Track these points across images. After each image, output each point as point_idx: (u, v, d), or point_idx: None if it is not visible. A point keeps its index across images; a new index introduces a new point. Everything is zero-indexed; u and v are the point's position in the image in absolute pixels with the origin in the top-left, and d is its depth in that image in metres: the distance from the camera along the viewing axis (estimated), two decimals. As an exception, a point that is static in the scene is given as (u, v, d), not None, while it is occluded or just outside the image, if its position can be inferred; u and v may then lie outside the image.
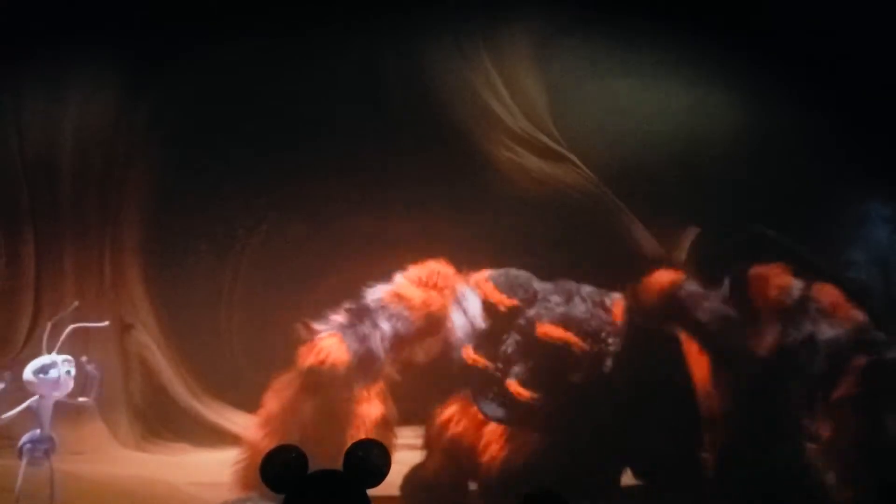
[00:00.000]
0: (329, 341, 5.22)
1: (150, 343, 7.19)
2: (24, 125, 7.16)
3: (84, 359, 4.95)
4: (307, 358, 5.20)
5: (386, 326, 5.34)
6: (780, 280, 5.19)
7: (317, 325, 5.29)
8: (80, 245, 7.20)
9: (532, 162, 7.57)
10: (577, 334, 5.30)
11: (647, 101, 7.56)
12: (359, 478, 2.39)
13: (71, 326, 5.00)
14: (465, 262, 5.91)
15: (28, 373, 4.84)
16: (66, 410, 5.02)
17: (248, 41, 7.23)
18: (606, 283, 6.16)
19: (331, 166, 7.32)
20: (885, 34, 7.06)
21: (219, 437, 6.83)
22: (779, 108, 7.38)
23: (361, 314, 5.34)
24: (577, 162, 7.55)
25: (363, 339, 5.27)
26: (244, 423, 6.41)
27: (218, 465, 5.72)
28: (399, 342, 5.38)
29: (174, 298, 7.38)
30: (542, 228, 7.19)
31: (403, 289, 5.50)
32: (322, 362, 5.16)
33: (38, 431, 4.82)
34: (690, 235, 7.63)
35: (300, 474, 2.39)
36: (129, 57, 7.27)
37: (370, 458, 2.42)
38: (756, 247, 7.45)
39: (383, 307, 5.39)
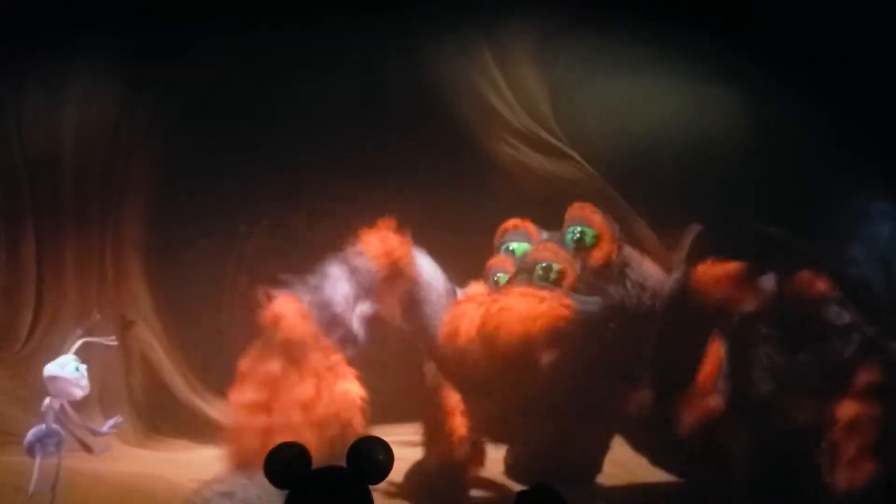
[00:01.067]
0: (283, 301, 5.10)
1: (151, 339, 7.19)
2: (25, 121, 7.17)
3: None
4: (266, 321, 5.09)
5: (346, 282, 5.22)
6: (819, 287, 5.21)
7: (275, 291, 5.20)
8: (81, 241, 7.21)
9: (533, 159, 7.57)
10: None
11: (648, 98, 7.56)
12: (362, 474, 2.39)
13: (81, 340, 5.05)
14: (466, 259, 5.94)
15: (52, 368, 4.87)
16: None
17: (249, 38, 7.24)
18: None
19: (332, 163, 7.32)
20: (887, 31, 7.05)
21: (220, 433, 6.84)
22: (780, 104, 7.37)
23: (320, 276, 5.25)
24: (579, 159, 7.55)
25: (318, 291, 5.16)
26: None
27: (219, 462, 5.74)
28: (364, 294, 5.26)
29: (175, 294, 7.39)
30: (543, 225, 7.18)
31: (362, 242, 5.39)
32: (278, 318, 5.05)
33: (43, 427, 4.83)
34: (692, 233, 7.63)
35: (303, 471, 2.39)
36: (129, 53, 7.27)
37: (373, 455, 2.42)
38: (758, 244, 7.45)
39: (341, 264, 5.28)
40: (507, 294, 5.21)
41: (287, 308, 5.07)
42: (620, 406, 5.29)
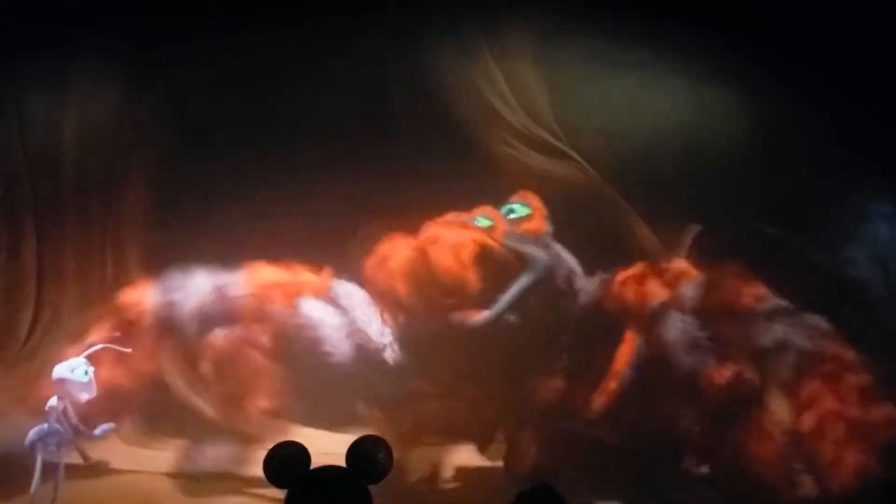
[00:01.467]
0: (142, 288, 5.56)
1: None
2: (26, 121, 7.17)
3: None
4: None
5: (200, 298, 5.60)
6: (752, 289, 5.31)
7: None
8: (81, 239, 7.21)
9: (533, 158, 7.56)
10: None
11: (648, 97, 7.55)
12: (361, 474, 2.39)
13: (100, 346, 5.09)
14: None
15: (61, 370, 4.87)
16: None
17: (251, 36, 7.24)
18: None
19: (333, 163, 7.31)
20: (887, 31, 7.05)
21: (221, 432, 6.84)
22: (780, 104, 7.37)
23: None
24: (578, 158, 7.55)
25: (168, 293, 5.51)
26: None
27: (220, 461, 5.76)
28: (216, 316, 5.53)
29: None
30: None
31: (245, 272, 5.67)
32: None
33: (45, 426, 4.81)
34: (692, 232, 7.63)
35: (303, 470, 2.39)
36: (131, 50, 7.27)
37: (372, 455, 2.42)
38: (756, 244, 7.45)
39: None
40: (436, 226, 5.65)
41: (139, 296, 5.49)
42: (536, 391, 5.50)
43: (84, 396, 4.92)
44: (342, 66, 7.41)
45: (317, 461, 2.42)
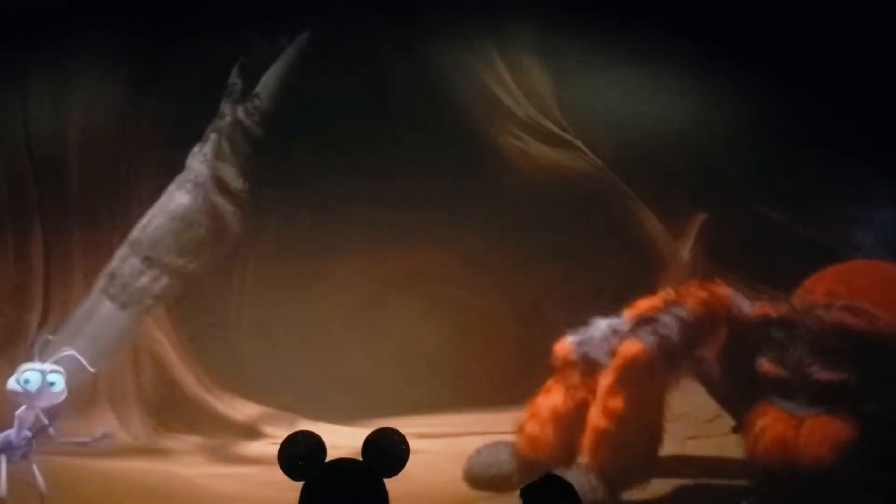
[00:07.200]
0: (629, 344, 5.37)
1: (160, 337, 7.18)
2: (31, 120, 7.17)
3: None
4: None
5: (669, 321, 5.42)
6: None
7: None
8: (88, 241, 7.21)
9: (538, 149, 7.56)
10: None
11: (653, 87, 7.54)
12: (377, 467, 2.39)
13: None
14: (473, 251, 5.94)
15: (11, 381, 4.69)
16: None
17: (254, 33, 7.24)
18: (613, 269, 6.19)
19: (337, 159, 7.32)
20: (886, 16, 7.05)
21: (230, 428, 6.86)
22: (783, 91, 7.36)
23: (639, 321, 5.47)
24: (584, 149, 7.55)
25: (654, 333, 5.38)
26: (254, 414, 6.45)
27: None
28: (689, 332, 5.42)
29: (184, 292, 7.37)
30: (549, 215, 7.19)
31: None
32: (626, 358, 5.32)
33: (10, 433, 4.62)
34: (698, 221, 7.63)
35: (319, 463, 2.39)
36: (136, 50, 7.26)
37: (388, 447, 2.42)
38: (763, 231, 7.45)
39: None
40: None
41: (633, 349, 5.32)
42: None
43: (55, 403, 4.72)
44: (344, 62, 7.41)
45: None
